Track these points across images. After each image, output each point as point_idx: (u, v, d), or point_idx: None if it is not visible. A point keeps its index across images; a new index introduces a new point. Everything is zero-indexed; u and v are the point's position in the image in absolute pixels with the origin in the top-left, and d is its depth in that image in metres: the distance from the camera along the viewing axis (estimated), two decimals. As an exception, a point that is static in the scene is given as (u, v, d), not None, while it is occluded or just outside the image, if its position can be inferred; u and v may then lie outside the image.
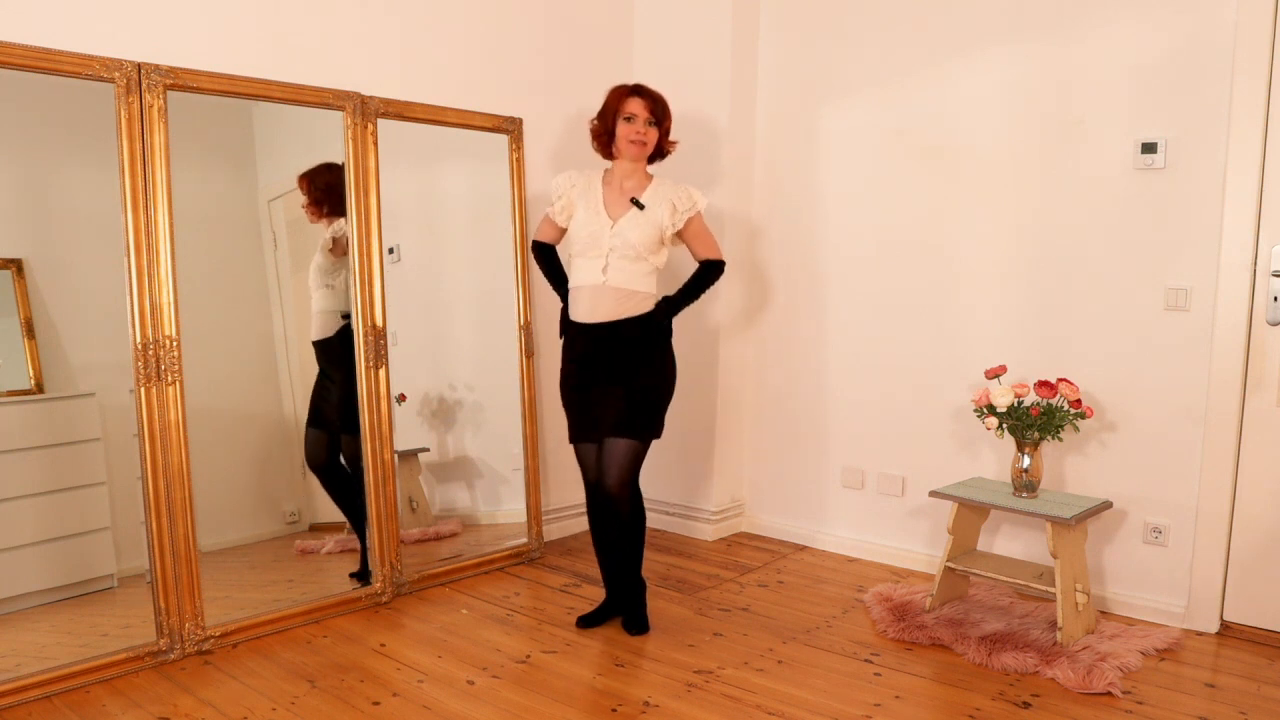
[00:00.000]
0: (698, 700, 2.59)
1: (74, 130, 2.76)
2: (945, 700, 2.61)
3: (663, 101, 2.96)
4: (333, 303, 3.25)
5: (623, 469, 2.92)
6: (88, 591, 2.87)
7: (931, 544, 3.66)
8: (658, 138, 2.95)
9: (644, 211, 2.91)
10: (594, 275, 2.90)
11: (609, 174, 3.00)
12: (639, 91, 2.94)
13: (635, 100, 2.92)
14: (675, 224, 2.93)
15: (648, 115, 2.91)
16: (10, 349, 2.73)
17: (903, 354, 3.70)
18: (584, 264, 2.93)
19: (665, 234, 2.92)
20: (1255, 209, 2.94)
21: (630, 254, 2.89)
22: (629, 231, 2.89)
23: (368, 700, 2.57)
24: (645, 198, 2.93)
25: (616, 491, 2.94)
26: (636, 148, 2.92)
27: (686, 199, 2.95)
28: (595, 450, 2.98)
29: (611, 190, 2.97)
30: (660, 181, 2.99)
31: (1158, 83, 3.08)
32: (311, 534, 3.38)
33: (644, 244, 2.89)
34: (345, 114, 3.15)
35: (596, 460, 2.98)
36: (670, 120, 2.99)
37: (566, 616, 3.17)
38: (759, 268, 4.08)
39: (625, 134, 2.92)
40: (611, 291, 2.89)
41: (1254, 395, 3.00)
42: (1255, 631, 3.05)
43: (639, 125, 2.91)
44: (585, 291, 2.92)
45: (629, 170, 2.97)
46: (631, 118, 2.91)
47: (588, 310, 2.92)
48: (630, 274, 2.90)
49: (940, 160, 3.56)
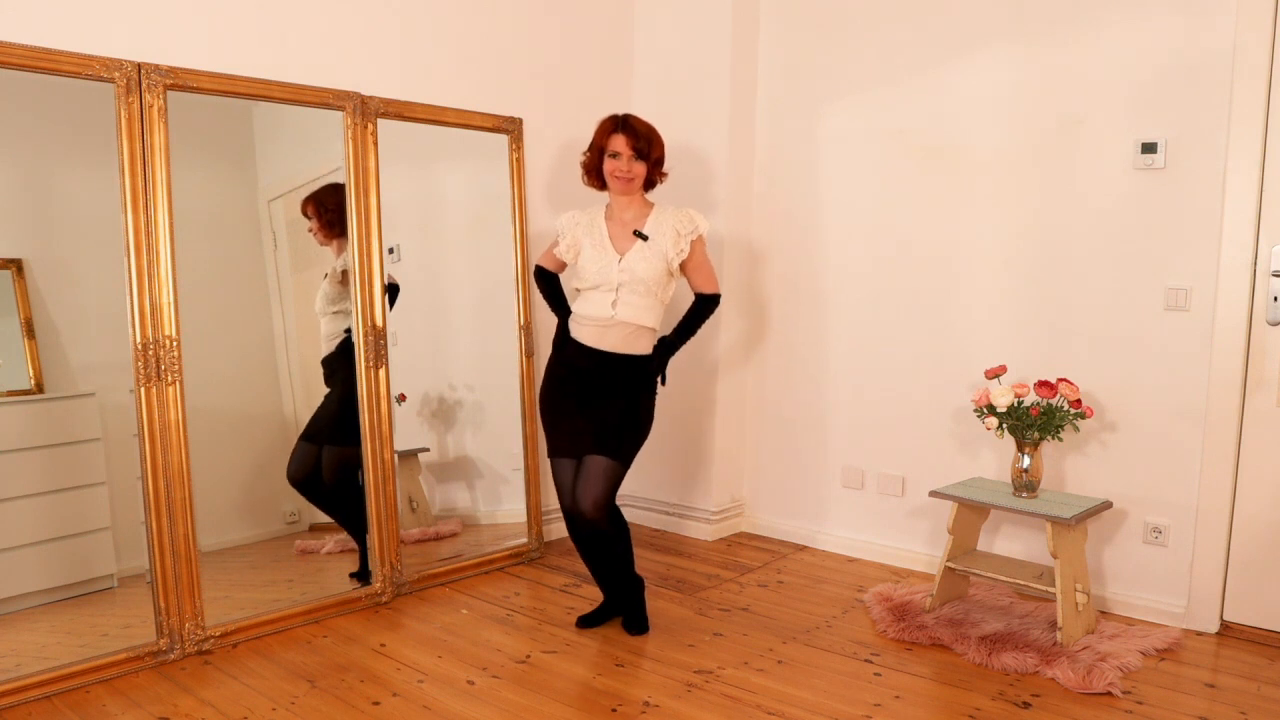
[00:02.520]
0: (698, 700, 2.59)
1: (74, 130, 2.76)
2: (945, 700, 2.61)
3: (648, 134, 2.92)
4: (340, 326, 3.26)
5: (600, 490, 2.88)
6: (88, 591, 2.87)
7: (931, 544, 3.66)
8: (646, 170, 2.93)
9: (649, 242, 2.91)
10: (603, 309, 2.90)
11: (609, 209, 3.00)
12: (623, 127, 2.91)
13: (618, 137, 2.90)
14: (681, 250, 2.92)
15: (630, 151, 2.89)
16: (10, 349, 2.73)
17: (903, 354, 3.70)
18: (594, 296, 2.92)
19: (672, 264, 2.92)
20: (1255, 209, 2.94)
21: (640, 289, 2.89)
22: (637, 265, 2.88)
23: (368, 700, 2.57)
24: (648, 227, 2.93)
25: (592, 514, 2.89)
26: (622, 183, 2.92)
27: (688, 223, 2.94)
28: (573, 468, 2.95)
29: (615, 225, 2.97)
30: (661, 209, 2.98)
31: (1158, 83, 3.08)
32: (311, 534, 3.38)
33: (653, 278, 2.89)
34: (345, 114, 3.15)
35: (573, 480, 2.94)
36: (660, 150, 2.95)
37: (566, 616, 3.17)
38: (759, 268, 4.08)
39: (610, 170, 2.92)
40: (620, 326, 2.90)
41: (1254, 395, 3.00)
42: (1255, 631, 3.05)
43: (623, 162, 2.90)
44: (593, 323, 2.92)
45: (626, 203, 2.97)
46: (616, 155, 2.90)
47: (595, 338, 2.92)
48: (638, 309, 2.90)
49: (941, 160, 3.56)
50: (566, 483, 2.96)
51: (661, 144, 2.97)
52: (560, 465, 2.98)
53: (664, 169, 3.00)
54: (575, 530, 2.99)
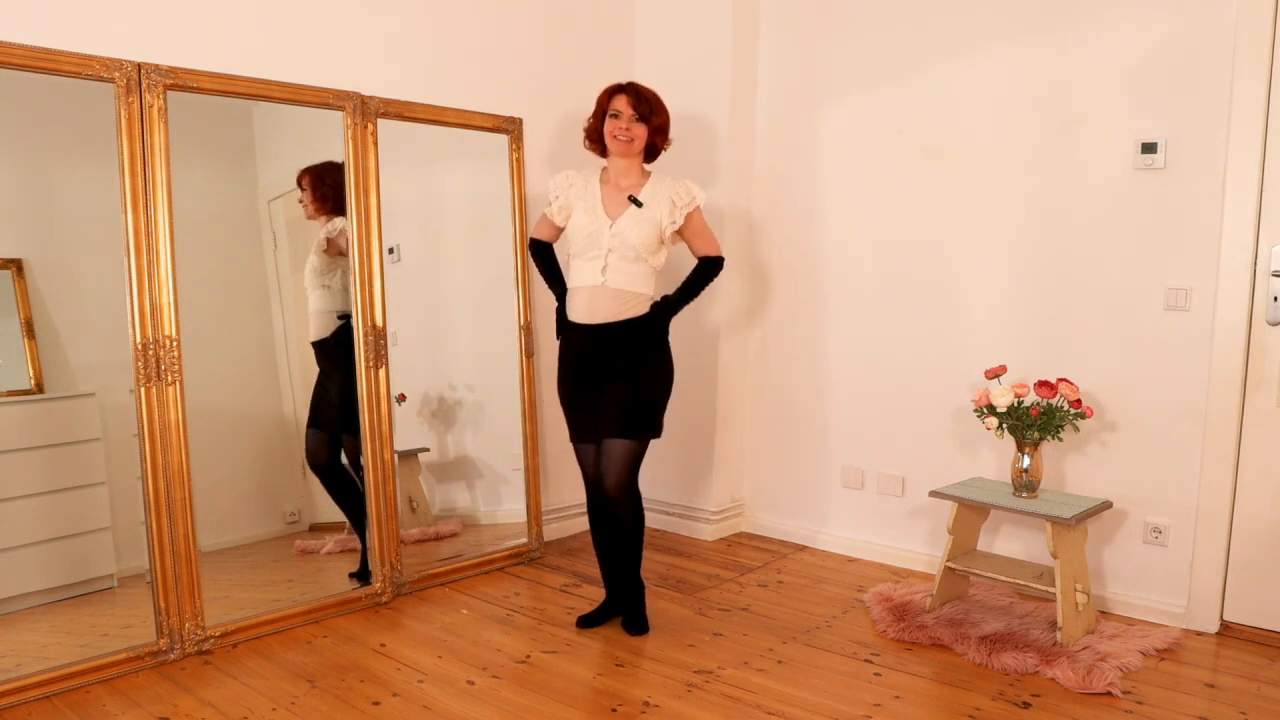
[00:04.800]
0: (698, 700, 2.59)
1: (74, 130, 2.76)
2: (945, 700, 2.61)
3: (650, 98, 2.93)
4: (329, 303, 3.25)
5: (620, 471, 2.92)
6: (88, 591, 2.87)
7: (931, 544, 3.66)
8: (647, 134, 2.93)
9: (643, 210, 2.90)
10: (593, 276, 2.89)
11: (606, 173, 3.00)
12: (625, 89, 2.93)
13: (620, 97, 2.92)
14: (675, 221, 2.91)
15: (631, 112, 2.90)
16: (10, 349, 2.73)
17: (903, 354, 3.70)
18: (582, 264, 2.92)
19: (665, 233, 2.91)
20: (1255, 209, 2.94)
21: (629, 254, 2.88)
22: (628, 231, 2.88)
23: (368, 700, 2.57)
24: (643, 195, 2.92)
25: (615, 494, 2.94)
26: (622, 144, 2.91)
27: (685, 194, 2.93)
28: (594, 451, 2.99)
29: (609, 189, 2.96)
30: (659, 178, 2.98)
31: (1158, 83, 3.08)
32: (311, 534, 3.38)
33: (643, 244, 2.88)
34: (345, 114, 3.15)
35: (595, 461, 2.98)
36: (662, 117, 2.95)
37: (566, 616, 3.17)
38: (759, 267, 4.08)
39: (610, 130, 2.91)
40: (610, 293, 2.89)
41: (1254, 395, 3.00)
42: (1255, 631, 3.05)
43: (623, 121, 2.90)
44: (583, 292, 2.92)
45: (624, 168, 2.96)
46: (616, 114, 2.91)
47: (586, 311, 2.92)
48: (629, 275, 2.89)
49: (941, 160, 3.56)
50: (589, 463, 3.03)
51: (665, 111, 2.96)
52: (582, 450, 3.04)
53: (668, 138, 3.00)
54: (595, 508, 3.04)
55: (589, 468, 3.02)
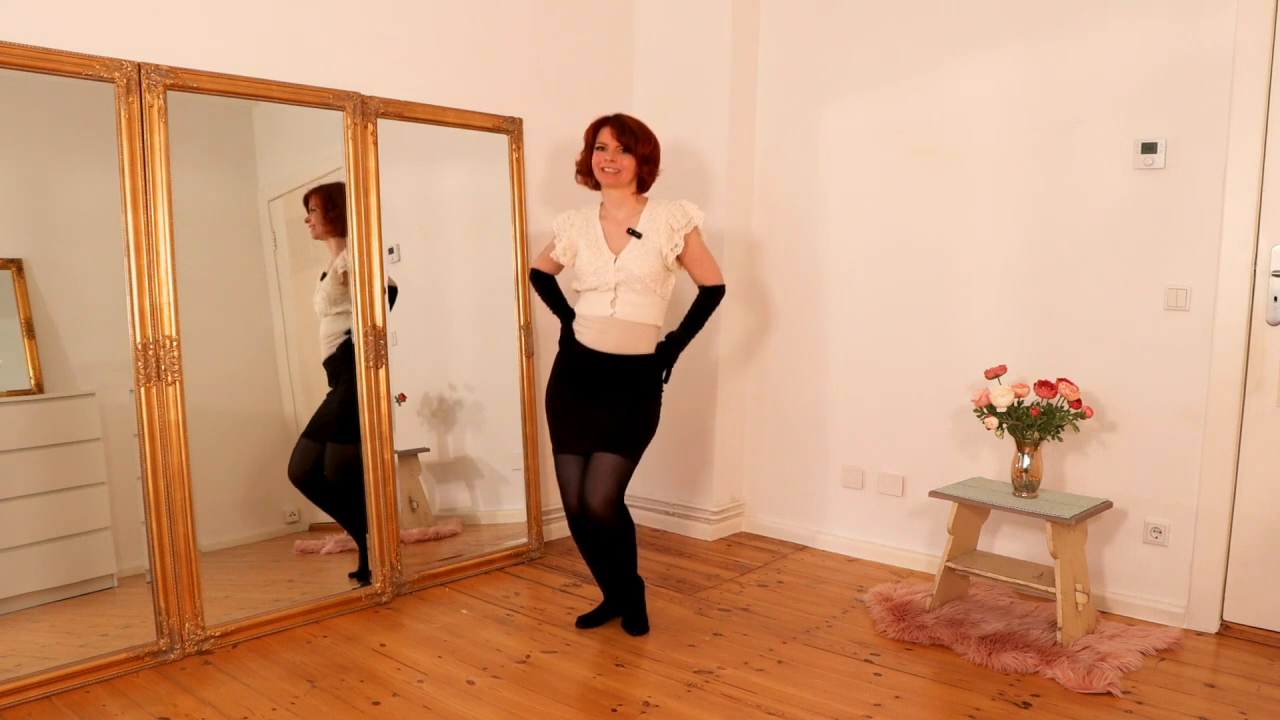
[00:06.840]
0: (698, 700, 2.59)
1: (74, 130, 2.76)
2: (945, 700, 2.61)
3: (635, 128, 2.92)
4: (341, 326, 3.25)
5: (610, 485, 2.88)
6: (88, 591, 2.87)
7: (931, 544, 3.66)
8: (635, 164, 2.91)
9: (643, 240, 2.90)
10: (603, 308, 2.90)
11: (603, 207, 3.00)
12: (610, 121, 2.93)
13: (605, 130, 2.91)
14: (675, 246, 2.91)
15: (616, 144, 2.89)
16: (10, 349, 2.73)
17: (903, 354, 3.70)
18: (593, 297, 2.93)
19: (667, 260, 2.91)
20: (1255, 209, 2.94)
21: (637, 287, 2.89)
22: (632, 264, 2.88)
23: (368, 700, 2.57)
24: (641, 224, 2.93)
25: (600, 510, 2.88)
26: (610, 176, 2.91)
27: (681, 216, 2.93)
28: (579, 465, 2.95)
29: (609, 224, 2.97)
30: (655, 204, 2.97)
31: (1158, 83, 3.08)
32: (311, 534, 3.38)
33: (649, 275, 2.88)
34: (345, 114, 3.15)
35: (580, 477, 2.94)
36: (649, 145, 2.94)
37: (566, 616, 3.17)
38: (759, 268, 4.08)
39: (597, 162, 2.92)
40: (620, 324, 2.90)
41: (1254, 395, 3.00)
42: (1255, 631, 3.05)
43: (609, 154, 2.89)
44: (594, 322, 2.92)
45: (618, 199, 2.96)
46: (603, 147, 2.91)
47: (595, 339, 2.92)
48: (638, 307, 2.90)
49: (940, 160, 3.56)
50: (572, 480, 2.95)
51: (652, 142, 2.95)
52: (566, 461, 2.97)
53: (657, 168, 2.99)
54: (579, 528, 2.99)
55: (571, 485, 2.95)
